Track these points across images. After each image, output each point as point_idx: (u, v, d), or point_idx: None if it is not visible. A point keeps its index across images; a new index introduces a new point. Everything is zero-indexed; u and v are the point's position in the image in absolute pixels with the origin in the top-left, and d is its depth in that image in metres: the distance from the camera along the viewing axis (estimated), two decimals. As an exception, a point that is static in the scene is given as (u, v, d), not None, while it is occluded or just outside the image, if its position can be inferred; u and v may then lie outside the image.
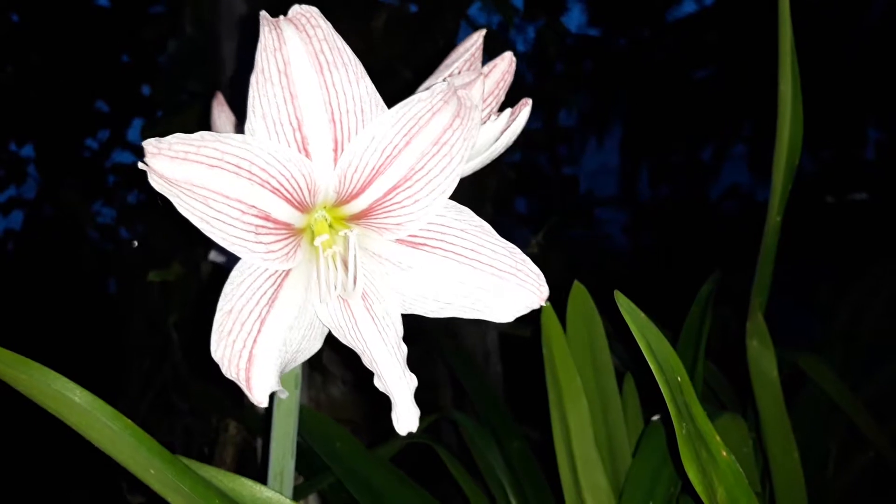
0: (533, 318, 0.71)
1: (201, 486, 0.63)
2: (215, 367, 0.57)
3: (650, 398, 1.30)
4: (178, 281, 1.67)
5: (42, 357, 0.59)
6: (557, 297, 0.94)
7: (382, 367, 0.60)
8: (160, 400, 1.90)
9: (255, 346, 0.55)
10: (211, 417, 1.79)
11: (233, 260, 1.18)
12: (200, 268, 1.83)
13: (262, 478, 1.51)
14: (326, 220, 0.66)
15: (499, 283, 0.61)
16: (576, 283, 0.97)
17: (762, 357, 1.03)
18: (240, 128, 0.88)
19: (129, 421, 0.61)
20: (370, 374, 0.62)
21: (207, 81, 1.77)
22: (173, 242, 1.89)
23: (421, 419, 1.45)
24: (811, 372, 1.50)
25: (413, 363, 0.61)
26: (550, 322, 0.95)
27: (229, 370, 0.54)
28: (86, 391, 0.60)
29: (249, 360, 0.55)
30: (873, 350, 1.88)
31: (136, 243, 3.51)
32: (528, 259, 0.61)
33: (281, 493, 0.85)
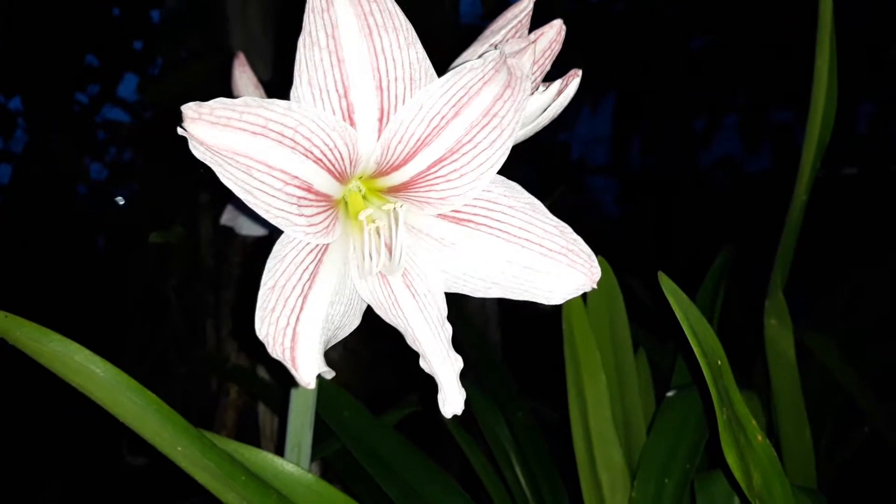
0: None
1: (227, 462, 0.61)
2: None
3: (658, 374, 1.30)
4: (179, 243, 1.64)
5: (33, 318, 0.56)
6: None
7: (426, 348, 0.57)
8: (159, 363, 1.88)
9: (299, 323, 0.53)
10: (210, 381, 1.77)
11: (242, 225, 1.15)
12: (200, 230, 1.79)
13: (274, 447, 1.51)
14: (360, 191, 0.63)
15: (548, 263, 0.58)
16: (599, 257, 0.95)
17: (780, 336, 1.03)
18: (262, 91, 0.84)
19: (154, 395, 0.59)
20: (371, 338, 0.59)
21: (210, 38, 1.71)
22: (172, 203, 1.85)
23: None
24: (816, 349, 1.50)
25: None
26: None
27: (274, 349, 0.51)
28: (109, 364, 0.58)
29: (294, 338, 0.52)
30: (873, 329, 1.89)
31: (121, 200, 3.46)
32: (579, 239, 0.58)
33: (298, 465, 0.83)
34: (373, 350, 1.62)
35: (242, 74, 0.82)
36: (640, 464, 0.94)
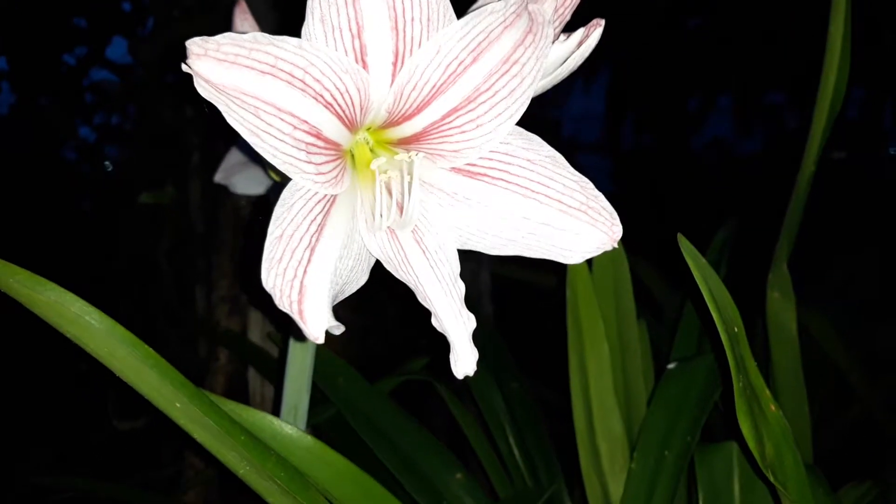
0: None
1: (227, 421, 0.59)
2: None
3: (654, 350, 1.29)
4: (169, 204, 1.61)
5: None
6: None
7: (437, 305, 0.55)
8: (148, 327, 1.85)
9: (306, 276, 0.50)
10: (199, 347, 1.75)
11: (237, 184, 1.12)
12: (190, 194, 1.76)
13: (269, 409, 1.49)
14: (368, 143, 0.61)
15: (568, 220, 0.56)
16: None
17: (783, 310, 1.01)
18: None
19: (151, 350, 0.57)
20: (357, 300, 0.56)
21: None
22: (162, 165, 1.82)
23: (420, 357, 1.43)
24: (812, 327, 1.49)
25: (414, 299, 0.57)
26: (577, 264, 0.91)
27: (281, 301, 0.49)
28: (105, 316, 0.55)
29: (301, 290, 0.50)
30: (866, 309, 1.89)
31: (109, 166, 3.40)
32: (601, 195, 0.56)
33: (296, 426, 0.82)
34: (363, 319, 1.60)
35: (244, 22, 0.79)
36: (641, 435, 0.93)
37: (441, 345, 0.56)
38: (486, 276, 2.03)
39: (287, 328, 0.78)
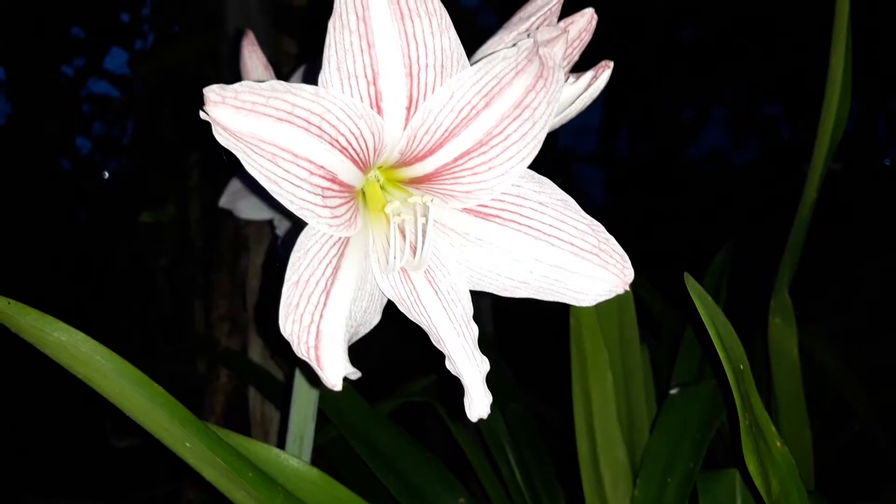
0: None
1: (235, 458, 0.59)
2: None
3: (654, 371, 1.30)
4: (169, 223, 1.61)
5: (15, 294, 0.53)
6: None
7: (450, 347, 0.55)
8: (146, 344, 1.85)
9: (323, 319, 0.51)
10: (198, 364, 1.75)
11: (242, 209, 1.12)
12: (189, 210, 1.76)
13: (263, 432, 1.48)
14: (378, 180, 0.61)
15: (579, 263, 0.56)
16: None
17: (784, 336, 1.02)
18: (272, 72, 0.82)
19: (161, 388, 0.57)
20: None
21: (205, 14, 1.67)
22: (162, 182, 1.82)
23: (421, 378, 1.42)
24: (811, 345, 1.50)
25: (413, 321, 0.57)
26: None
27: (299, 348, 0.49)
28: (115, 355, 0.55)
29: (318, 336, 0.50)
30: (865, 327, 1.90)
31: (106, 174, 3.39)
32: (612, 238, 0.56)
33: (300, 456, 0.82)
34: (363, 339, 1.61)
35: (252, 54, 0.79)
36: (644, 462, 0.93)
37: (441, 364, 0.56)
38: (487, 297, 2.03)
39: (295, 358, 0.79)
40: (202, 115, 0.45)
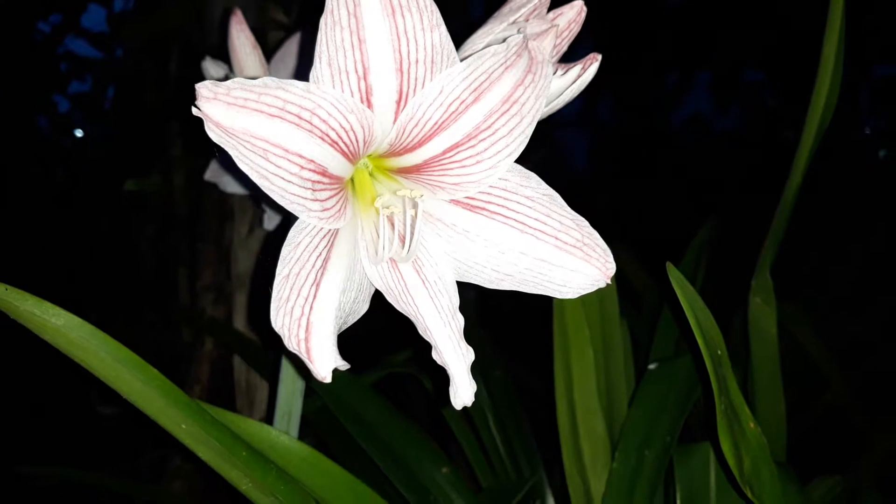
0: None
1: (229, 437, 0.61)
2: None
3: (634, 342, 1.33)
4: (154, 192, 1.60)
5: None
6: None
7: (436, 337, 0.57)
8: (129, 312, 1.86)
9: (312, 312, 0.52)
10: (183, 331, 1.76)
11: (227, 183, 1.12)
12: (173, 180, 1.76)
13: (248, 401, 1.50)
14: (367, 167, 0.62)
15: (563, 256, 0.58)
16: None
17: (764, 315, 1.04)
18: (259, 51, 0.82)
19: (157, 371, 0.58)
20: None
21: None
22: (145, 149, 1.81)
23: (403, 349, 1.44)
24: (788, 321, 1.53)
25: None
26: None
27: (290, 341, 0.50)
28: (112, 339, 0.57)
29: (308, 328, 0.51)
30: (842, 300, 1.94)
31: (79, 132, 3.34)
32: (595, 233, 0.58)
33: (289, 431, 0.84)
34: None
35: (240, 34, 0.79)
36: (622, 435, 0.96)
37: (418, 338, 0.58)
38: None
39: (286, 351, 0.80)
40: (194, 111, 0.46)
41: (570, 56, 0.64)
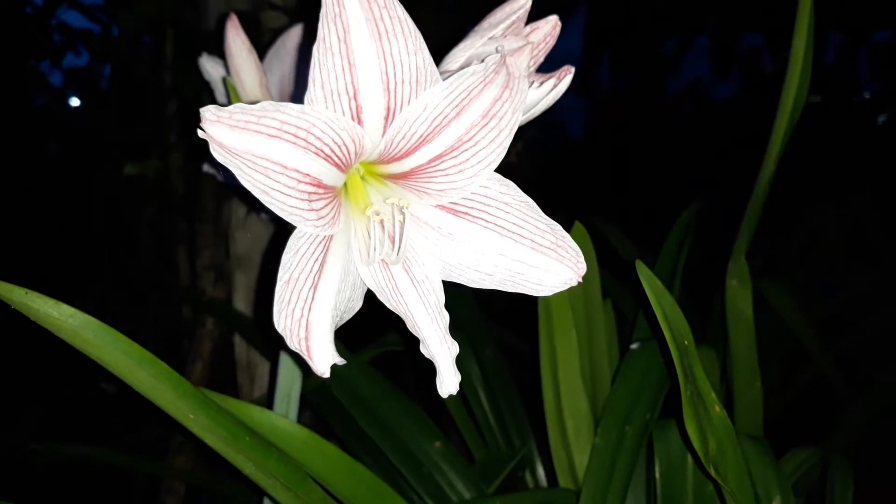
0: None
1: (233, 425, 0.66)
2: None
3: (620, 317, 1.37)
4: (154, 175, 1.64)
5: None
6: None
7: (424, 332, 0.62)
8: (130, 291, 1.90)
9: (311, 312, 0.57)
10: (183, 309, 1.81)
11: (227, 174, 1.16)
12: (171, 161, 1.79)
13: (250, 378, 1.55)
14: (359, 171, 0.66)
15: (539, 258, 0.62)
16: (577, 223, 0.99)
17: (740, 297, 1.09)
18: (255, 56, 0.85)
19: (166, 365, 0.63)
20: None
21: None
22: (142, 130, 1.83)
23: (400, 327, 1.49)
24: (770, 297, 1.58)
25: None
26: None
27: (292, 341, 0.55)
28: (124, 337, 0.61)
29: (307, 328, 0.56)
30: (827, 274, 1.98)
31: (76, 100, 3.34)
32: (568, 236, 0.62)
33: (288, 414, 0.89)
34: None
35: (236, 38, 0.83)
36: (604, 413, 1.01)
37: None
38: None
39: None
40: (199, 133, 0.50)
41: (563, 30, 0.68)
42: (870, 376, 1.69)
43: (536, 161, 2.49)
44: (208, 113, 0.50)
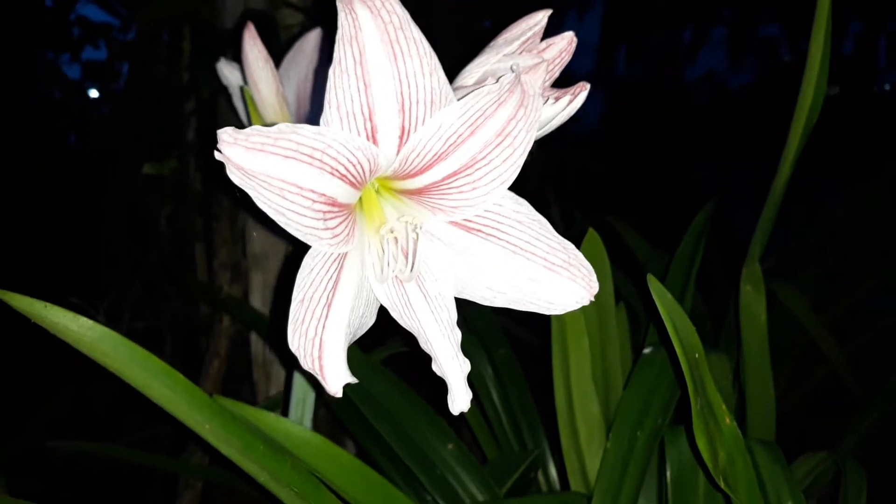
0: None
1: (248, 434, 0.67)
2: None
3: (633, 318, 1.37)
4: (172, 174, 1.65)
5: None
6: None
7: (436, 349, 0.62)
8: (148, 285, 1.92)
9: (325, 331, 0.58)
10: (200, 306, 1.83)
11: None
12: (188, 159, 1.80)
13: (265, 375, 1.56)
14: (374, 186, 0.67)
15: (551, 276, 0.63)
16: (590, 230, 1.00)
17: (754, 302, 1.09)
18: (272, 65, 0.86)
19: (182, 376, 0.64)
20: None
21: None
22: (160, 128, 1.85)
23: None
24: (783, 298, 1.58)
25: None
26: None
27: (305, 361, 0.56)
28: (141, 349, 0.62)
29: (321, 347, 0.57)
30: (842, 273, 1.97)
31: (95, 92, 3.36)
32: (580, 255, 0.63)
33: (302, 418, 0.90)
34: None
35: (253, 48, 0.83)
36: (616, 418, 1.02)
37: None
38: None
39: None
40: (216, 155, 0.50)
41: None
42: (884, 377, 1.68)
43: (550, 151, 2.48)
44: (225, 135, 0.51)
